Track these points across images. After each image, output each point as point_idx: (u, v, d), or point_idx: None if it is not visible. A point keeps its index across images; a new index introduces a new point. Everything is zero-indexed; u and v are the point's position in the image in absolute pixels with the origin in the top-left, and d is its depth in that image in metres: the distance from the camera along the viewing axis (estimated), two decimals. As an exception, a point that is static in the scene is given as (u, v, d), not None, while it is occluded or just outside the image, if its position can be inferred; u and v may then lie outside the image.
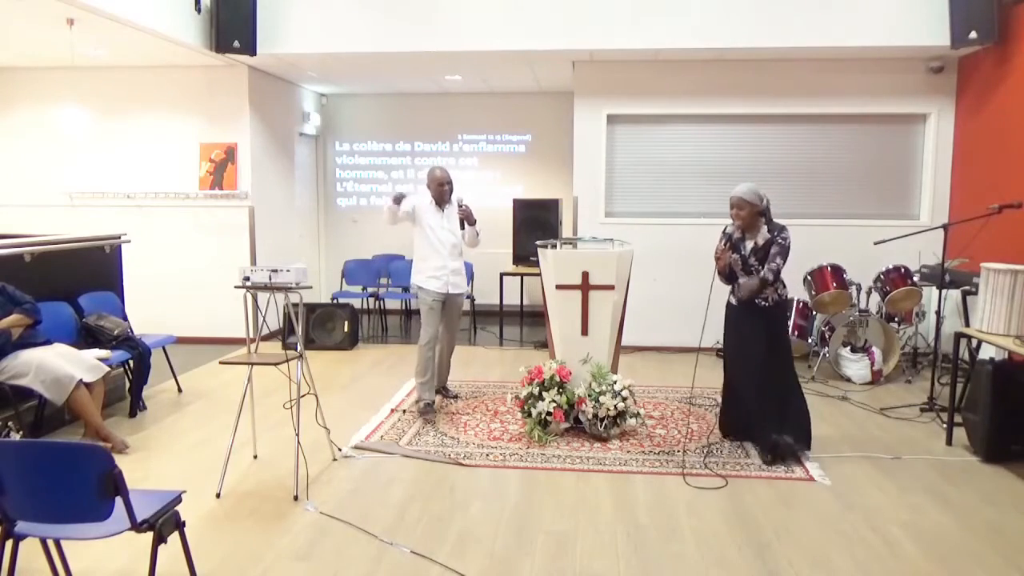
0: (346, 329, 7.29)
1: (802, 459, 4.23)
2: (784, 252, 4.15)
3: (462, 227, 5.11)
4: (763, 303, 4.21)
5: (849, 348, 6.09)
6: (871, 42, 6.28)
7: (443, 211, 5.09)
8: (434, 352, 5.11)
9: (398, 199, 5.02)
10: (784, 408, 4.22)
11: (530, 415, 4.60)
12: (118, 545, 2.94)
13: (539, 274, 5.10)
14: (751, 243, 4.22)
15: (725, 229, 4.34)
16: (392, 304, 8.82)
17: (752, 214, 4.16)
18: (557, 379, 4.60)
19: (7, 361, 4.23)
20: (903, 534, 3.38)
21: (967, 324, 5.49)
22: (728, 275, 4.34)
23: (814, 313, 6.37)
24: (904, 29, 6.21)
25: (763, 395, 4.20)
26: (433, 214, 5.07)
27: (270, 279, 3.84)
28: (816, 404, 5.39)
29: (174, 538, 2.51)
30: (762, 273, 4.16)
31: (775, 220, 4.24)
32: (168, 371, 5.72)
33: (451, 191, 5.11)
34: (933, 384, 5.35)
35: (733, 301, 4.38)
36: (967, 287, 5.64)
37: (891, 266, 6.06)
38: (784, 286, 4.27)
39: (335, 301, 7.80)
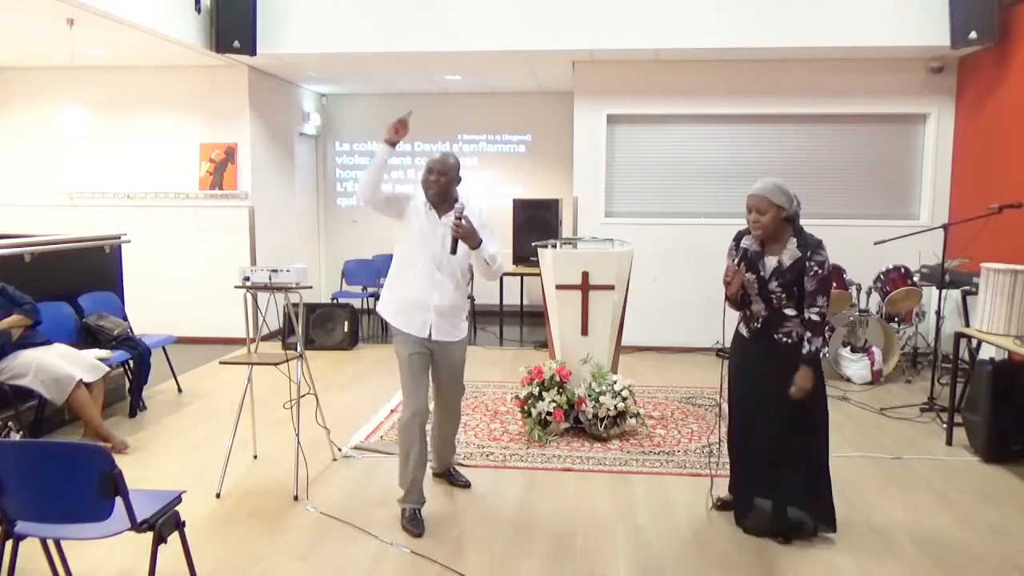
0: (346, 329, 7.29)
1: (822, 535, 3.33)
2: (826, 285, 3.12)
3: (452, 251, 3.32)
4: (785, 339, 3.19)
5: (849, 348, 6.08)
6: (871, 42, 6.28)
7: (443, 220, 3.41)
8: (422, 432, 3.39)
9: (391, 139, 3.38)
10: (810, 481, 3.25)
11: (530, 415, 4.60)
12: (118, 545, 2.94)
13: (539, 274, 5.10)
14: (773, 261, 3.16)
15: (736, 238, 3.31)
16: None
17: (777, 220, 3.12)
18: (557, 379, 4.60)
19: (7, 361, 4.23)
20: (903, 534, 3.38)
21: (967, 324, 5.49)
22: (741, 301, 3.28)
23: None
24: (904, 29, 6.21)
25: (774, 460, 3.24)
26: (427, 218, 3.43)
27: (270, 279, 3.84)
28: (816, 404, 5.41)
29: (174, 538, 2.51)
30: (808, 314, 3.12)
31: (806, 230, 3.20)
32: (168, 371, 5.72)
33: (446, 184, 3.40)
34: (933, 384, 5.35)
35: (744, 332, 3.35)
36: (967, 287, 5.64)
37: (891, 266, 6.07)
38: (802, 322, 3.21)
39: (335, 301, 7.80)
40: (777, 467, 3.23)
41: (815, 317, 3.12)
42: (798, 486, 3.24)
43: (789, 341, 3.18)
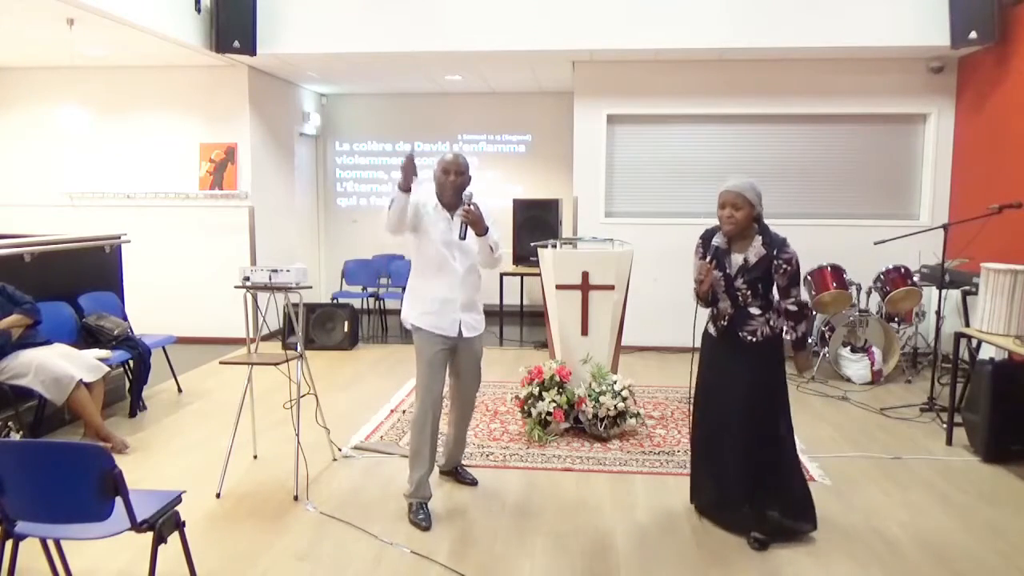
0: (346, 329, 7.29)
1: (802, 536, 3.28)
2: (797, 278, 3.21)
3: (462, 236, 3.41)
4: (750, 338, 3.23)
5: (849, 348, 6.08)
6: (871, 42, 6.28)
7: (455, 216, 3.50)
8: (434, 427, 3.49)
9: (406, 185, 3.32)
10: (776, 480, 3.25)
11: (530, 415, 4.60)
12: (118, 545, 2.94)
13: (539, 274, 5.10)
14: (739, 258, 3.23)
15: (703, 237, 3.37)
16: (392, 304, 8.79)
17: (749, 217, 3.18)
18: (557, 379, 4.60)
19: (7, 361, 4.23)
20: (903, 534, 3.38)
21: (967, 324, 5.49)
22: (710, 298, 3.34)
23: (814, 313, 6.37)
24: (904, 29, 6.21)
25: (746, 461, 3.23)
26: (439, 219, 3.50)
27: (270, 279, 3.84)
28: (816, 404, 5.41)
29: (174, 538, 2.51)
30: (784, 306, 3.24)
31: (771, 229, 3.27)
32: (168, 371, 5.72)
33: (463, 184, 3.47)
34: (933, 384, 5.35)
35: (712, 331, 3.40)
36: (967, 287, 5.64)
37: (891, 266, 6.06)
38: (778, 315, 3.28)
39: (335, 301, 7.80)
40: (750, 470, 3.23)
41: (792, 308, 3.24)
42: (772, 487, 3.24)
43: (754, 340, 3.24)
